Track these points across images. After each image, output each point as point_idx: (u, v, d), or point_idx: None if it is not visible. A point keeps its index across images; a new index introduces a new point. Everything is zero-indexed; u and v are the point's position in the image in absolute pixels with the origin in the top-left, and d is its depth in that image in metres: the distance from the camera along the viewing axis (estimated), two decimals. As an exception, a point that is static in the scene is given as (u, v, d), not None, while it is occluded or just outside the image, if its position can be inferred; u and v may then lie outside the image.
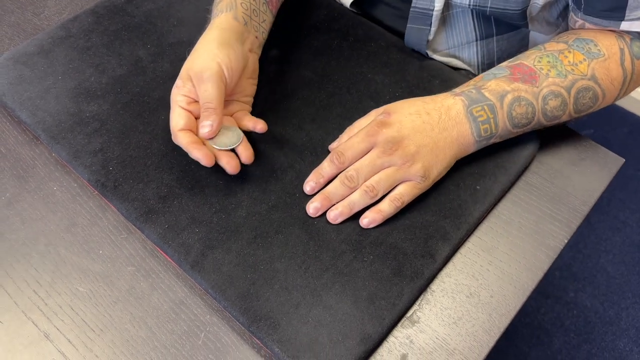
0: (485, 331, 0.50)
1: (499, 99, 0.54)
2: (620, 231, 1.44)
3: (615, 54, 0.57)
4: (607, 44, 0.57)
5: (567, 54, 0.56)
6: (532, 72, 0.55)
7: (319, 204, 0.53)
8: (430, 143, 0.53)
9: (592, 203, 0.58)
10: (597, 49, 0.57)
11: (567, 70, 0.56)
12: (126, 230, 0.55)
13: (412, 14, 0.64)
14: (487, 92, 0.55)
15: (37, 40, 0.66)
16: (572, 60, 0.56)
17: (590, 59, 0.56)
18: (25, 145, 0.61)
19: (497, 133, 0.55)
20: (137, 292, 0.51)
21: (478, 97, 0.55)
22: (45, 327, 0.50)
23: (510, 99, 0.54)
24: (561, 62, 0.56)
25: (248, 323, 0.48)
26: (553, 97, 0.55)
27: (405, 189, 0.53)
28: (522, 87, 0.55)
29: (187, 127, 0.54)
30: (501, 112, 0.54)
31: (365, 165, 0.53)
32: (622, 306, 1.32)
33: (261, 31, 0.61)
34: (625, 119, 1.64)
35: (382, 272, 0.51)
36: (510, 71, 0.56)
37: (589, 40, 0.57)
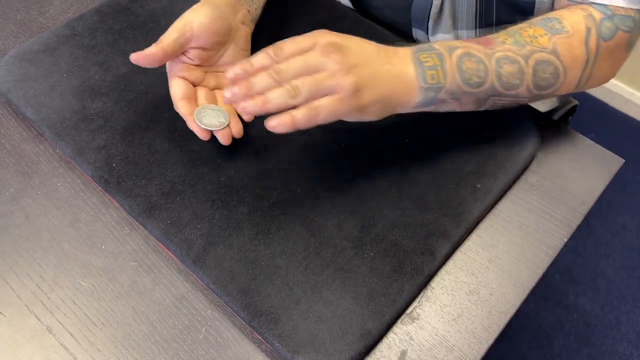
0: (485, 328, 0.50)
1: (448, 50, 0.51)
2: (619, 235, 1.44)
3: (580, 32, 0.54)
4: (572, 22, 0.54)
5: (527, 29, 0.54)
6: (486, 38, 0.53)
7: (238, 89, 0.47)
8: (371, 66, 0.49)
9: (591, 202, 0.58)
10: (561, 25, 0.54)
11: (525, 41, 0.53)
12: (129, 226, 0.55)
13: None
14: (436, 44, 0.52)
15: (42, 39, 0.67)
16: (532, 33, 0.53)
17: (552, 34, 0.53)
18: (29, 141, 0.61)
19: (446, 85, 0.51)
20: (139, 287, 0.52)
21: (426, 47, 0.52)
22: (48, 321, 0.50)
23: (459, 53, 0.51)
24: (520, 34, 0.53)
25: (249, 318, 0.48)
26: (508, 62, 0.52)
27: (328, 101, 0.47)
28: (474, 46, 0.52)
29: (187, 96, 0.56)
30: (449, 62, 0.51)
31: (297, 61, 0.47)
32: (622, 310, 1.32)
33: (254, 7, 0.62)
34: (625, 123, 1.65)
35: (383, 268, 0.51)
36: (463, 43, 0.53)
37: (553, 18, 0.55)
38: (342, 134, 0.60)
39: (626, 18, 0.56)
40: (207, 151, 0.58)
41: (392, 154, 0.58)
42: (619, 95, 1.66)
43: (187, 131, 0.59)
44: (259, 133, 0.60)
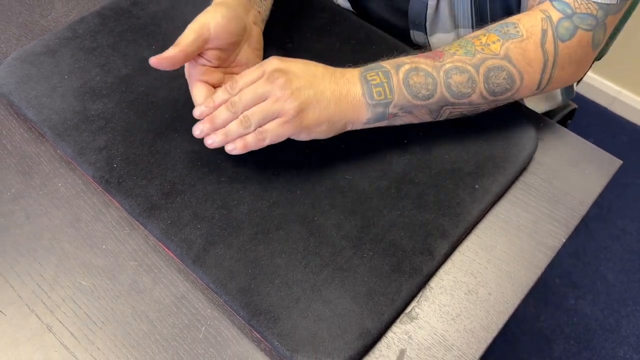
0: (483, 328, 0.50)
1: (394, 67, 0.54)
2: (619, 239, 1.44)
3: (535, 35, 0.54)
4: (528, 26, 0.55)
5: (481, 37, 0.55)
6: (436, 52, 0.55)
7: (203, 126, 0.53)
8: (316, 88, 0.52)
9: (589, 203, 0.59)
10: (516, 30, 0.55)
11: (476, 50, 0.54)
12: (129, 225, 0.56)
13: None
14: (384, 63, 0.54)
15: (44, 41, 0.68)
16: (484, 41, 0.54)
17: (504, 40, 0.54)
18: (31, 142, 0.62)
19: (394, 100, 0.53)
20: (139, 286, 0.52)
21: (373, 66, 0.54)
22: (48, 320, 0.50)
23: (406, 69, 0.53)
24: (472, 44, 0.55)
25: (248, 317, 0.48)
26: (457, 72, 0.53)
27: (273, 125, 0.52)
28: (422, 61, 0.54)
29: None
30: (396, 78, 0.53)
31: (248, 92, 0.52)
32: (623, 314, 1.32)
33: (263, 8, 0.63)
34: (624, 127, 1.65)
35: (382, 268, 0.51)
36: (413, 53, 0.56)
37: (510, 23, 0.56)
38: (341, 134, 0.60)
39: (587, 16, 0.55)
40: (208, 152, 0.58)
41: (390, 154, 0.59)
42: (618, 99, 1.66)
43: (187, 132, 0.60)
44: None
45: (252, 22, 0.60)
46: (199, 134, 0.53)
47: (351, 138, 0.60)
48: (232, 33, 0.56)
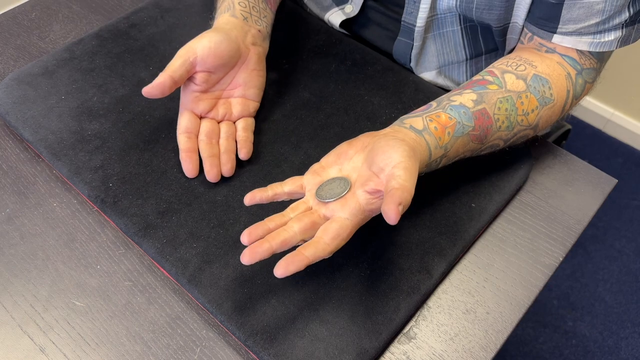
0: (482, 348, 0.50)
1: (447, 161, 0.54)
2: (617, 260, 1.44)
3: (562, 98, 0.57)
4: (559, 88, 0.57)
5: (524, 99, 0.55)
6: (489, 126, 0.54)
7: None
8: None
9: (586, 222, 0.59)
10: (550, 92, 0.56)
11: (517, 122, 0.55)
12: (124, 245, 0.55)
13: (402, 27, 0.67)
14: (445, 160, 0.53)
15: (41, 62, 0.68)
16: (526, 108, 0.55)
17: (541, 107, 0.56)
18: (26, 162, 0.61)
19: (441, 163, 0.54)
20: (133, 306, 0.51)
21: (439, 152, 0.52)
22: (41, 341, 0.49)
23: (455, 155, 0.54)
24: (516, 109, 0.55)
25: (244, 337, 0.48)
26: (490, 149, 0.56)
27: None
28: (471, 146, 0.54)
29: (188, 130, 0.58)
30: (445, 160, 0.53)
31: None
32: (621, 335, 1.31)
33: (264, 25, 0.63)
34: (618, 149, 1.66)
35: (379, 287, 0.51)
36: (474, 124, 0.53)
37: (545, 80, 0.56)
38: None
39: (590, 71, 0.59)
40: (203, 171, 0.58)
41: (387, 173, 0.59)
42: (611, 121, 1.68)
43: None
44: (253, 153, 0.60)
45: (251, 43, 0.61)
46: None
47: (347, 157, 0.60)
48: (221, 56, 0.57)
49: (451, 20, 0.65)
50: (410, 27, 0.66)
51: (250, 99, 0.62)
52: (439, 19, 0.65)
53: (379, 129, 0.61)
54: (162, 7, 0.75)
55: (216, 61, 0.57)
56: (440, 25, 0.66)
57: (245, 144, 0.59)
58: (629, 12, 0.54)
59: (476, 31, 0.66)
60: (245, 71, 0.61)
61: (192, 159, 0.57)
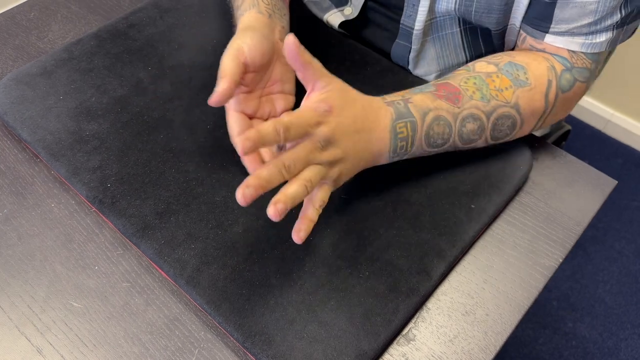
0: (481, 349, 0.50)
1: (421, 115, 0.53)
2: (616, 261, 1.44)
3: (541, 85, 0.57)
4: (537, 74, 0.57)
5: (494, 77, 0.56)
6: (456, 92, 0.55)
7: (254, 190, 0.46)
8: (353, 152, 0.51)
9: (586, 223, 0.58)
10: (526, 76, 0.56)
11: (491, 95, 0.55)
12: (122, 246, 0.55)
13: (400, 30, 0.67)
14: (412, 107, 0.53)
15: (39, 62, 0.68)
16: (498, 85, 0.56)
17: (516, 87, 0.56)
18: (24, 162, 0.61)
19: (411, 151, 0.54)
20: (131, 308, 0.51)
21: (404, 112, 0.53)
22: (39, 342, 0.49)
23: (431, 117, 0.54)
24: (487, 85, 0.55)
25: (243, 339, 0.48)
26: (472, 120, 0.55)
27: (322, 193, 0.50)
28: (444, 106, 0.54)
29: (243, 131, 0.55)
30: (420, 130, 0.53)
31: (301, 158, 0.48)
32: (621, 337, 1.31)
33: (285, 22, 0.63)
34: (618, 150, 1.66)
35: (378, 288, 0.51)
36: (435, 88, 0.55)
37: (520, 66, 0.57)
38: (336, 155, 0.60)
39: (583, 70, 0.59)
40: (202, 171, 0.58)
41: (386, 174, 0.59)
42: (611, 122, 1.68)
43: (182, 152, 0.60)
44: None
45: (279, 38, 0.60)
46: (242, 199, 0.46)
47: (346, 158, 0.60)
48: (265, 53, 0.56)
49: (450, 22, 0.65)
50: (408, 30, 0.66)
51: (289, 93, 0.61)
52: (438, 21, 0.65)
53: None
54: (161, 8, 0.75)
55: (262, 60, 0.56)
56: (439, 28, 0.66)
57: None
58: (621, 13, 0.54)
59: (476, 33, 0.66)
60: (279, 67, 0.60)
61: (256, 161, 0.55)
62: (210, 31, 0.72)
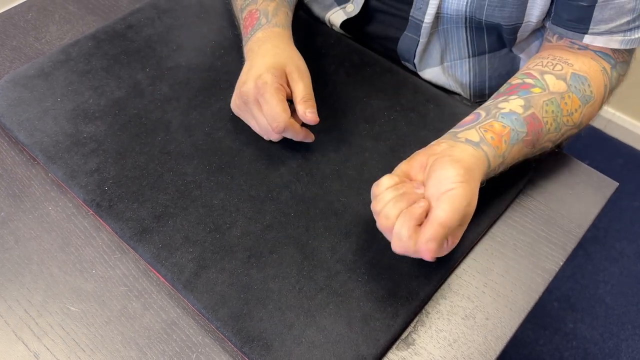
0: (481, 354, 0.49)
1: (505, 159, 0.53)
2: (617, 262, 1.43)
3: (601, 94, 0.58)
4: (597, 85, 0.57)
5: (567, 100, 0.56)
6: (539, 130, 0.54)
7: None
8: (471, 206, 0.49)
9: (587, 226, 0.58)
10: (590, 90, 0.57)
11: (563, 122, 0.56)
12: (120, 250, 0.55)
13: (410, 22, 0.67)
14: (505, 157, 0.52)
15: (37, 64, 0.67)
16: (570, 108, 0.56)
17: (583, 105, 0.57)
18: (22, 165, 0.61)
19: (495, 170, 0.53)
20: (129, 312, 0.51)
21: (496, 162, 0.51)
22: (35, 347, 0.49)
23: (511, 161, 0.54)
24: (561, 111, 0.55)
25: (240, 344, 0.47)
26: (540, 151, 0.57)
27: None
28: (526, 151, 0.54)
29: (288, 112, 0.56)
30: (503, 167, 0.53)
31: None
32: (622, 337, 1.31)
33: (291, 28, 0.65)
34: (620, 150, 1.65)
35: (377, 292, 0.50)
36: (526, 129, 0.53)
37: (584, 78, 0.57)
38: (335, 157, 0.60)
39: (624, 64, 0.61)
40: (200, 174, 0.58)
41: (386, 177, 0.58)
42: (612, 122, 1.67)
43: (180, 155, 0.59)
44: (250, 156, 0.59)
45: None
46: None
47: (346, 161, 0.60)
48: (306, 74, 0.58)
49: (456, 18, 0.65)
50: (417, 23, 0.66)
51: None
52: (445, 16, 0.65)
53: (378, 131, 0.61)
54: (159, 8, 0.75)
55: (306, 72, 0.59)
56: (445, 22, 0.66)
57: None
58: None
59: (482, 31, 0.66)
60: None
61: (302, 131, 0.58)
62: (208, 32, 0.72)
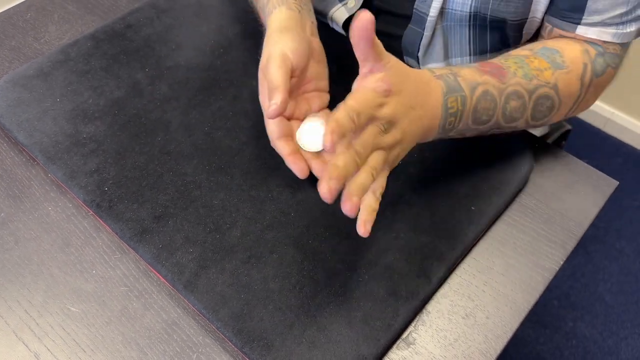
0: (482, 353, 0.49)
1: (470, 90, 0.52)
2: (617, 260, 1.43)
3: (577, 68, 0.57)
4: (572, 57, 0.57)
5: (532, 59, 0.56)
6: (500, 68, 0.54)
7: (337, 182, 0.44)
8: (409, 131, 0.49)
9: (587, 225, 0.58)
10: (562, 59, 0.56)
11: (532, 74, 0.55)
12: (120, 250, 0.55)
13: (414, 16, 0.66)
14: (462, 81, 0.52)
15: (36, 64, 0.67)
16: (537, 65, 0.55)
17: (554, 69, 0.56)
18: (21, 166, 0.61)
19: (458, 127, 0.53)
20: (129, 312, 0.51)
21: (454, 86, 0.52)
22: (36, 348, 0.49)
23: (479, 92, 0.52)
24: (528, 65, 0.55)
25: (241, 344, 0.47)
26: (515, 98, 0.54)
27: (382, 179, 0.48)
28: (491, 81, 0.53)
29: (284, 134, 0.54)
30: (469, 104, 0.52)
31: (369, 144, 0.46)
32: (621, 336, 1.31)
33: (314, 18, 0.61)
34: (619, 149, 1.66)
35: (377, 292, 0.50)
36: (479, 64, 0.55)
37: (554, 50, 0.57)
38: (335, 157, 0.60)
39: (614, 56, 0.59)
40: (200, 174, 0.58)
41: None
42: (611, 120, 1.67)
43: (179, 155, 0.59)
44: (250, 156, 0.59)
45: (310, 34, 0.58)
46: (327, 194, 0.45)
47: (345, 160, 0.60)
48: (304, 55, 0.55)
49: (461, 15, 0.64)
50: (422, 16, 0.65)
51: (323, 91, 0.59)
52: (449, 12, 0.65)
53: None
54: (159, 8, 0.75)
55: (303, 61, 0.55)
56: (449, 19, 0.66)
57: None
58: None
59: (485, 29, 0.66)
60: (313, 65, 0.58)
61: (300, 159, 0.54)
62: (207, 32, 0.72)
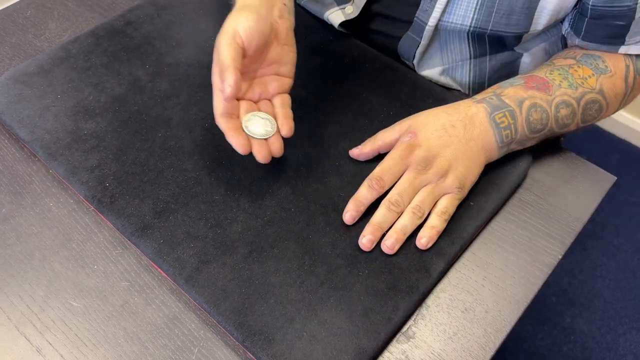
0: (481, 347, 0.50)
1: (517, 105, 0.57)
2: (615, 256, 1.44)
3: (621, 70, 0.60)
4: (614, 61, 0.60)
5: (576, 68, 0.59)
6: (545, 82, 0.58)
7: (372, 235, 0.53)
8: (459, 155, 0.55)
9: (585, 220, 0.58)
10: (605, 65, 0.60)
11: (577, 83, 0.58)
12: (121, 245, 0.55)
13: (414, 24, 0.67)
14: (507, 99, 0.57)
15: (37, 61, 0.67)
16: (581, 74, 0.59)
17: (598, 74, 0.59)
18: (22, 162, 0.61)
19: (516, 138, 0.57)
20: (131, 307, 0.51)
21: (499, 104, 0.57)
22: (38, 342, 0.49)
23: (527, 105, 0.57)
24: (572, 75, 0.59)
25: (242, 338, 0.48)
26: (564, 106, 0.58)
27: (448, 201, 0.54)
28: (537, 95, 0.57)
29: (227, 111, 0.53)
30: (520, 117, 0.56)
31: (406, 188, 0.54)
32: (619, 332, 1.32)
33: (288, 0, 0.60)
34: (617, 145, 1.66)
35: (377, 286, 0.51)
36: (524, 80, 0.59)
37: (596, 56, 0.60)
38: (335, 152, 0.60)
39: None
40: (201, 170, 0.58)
41: (385, 172, 0.58)
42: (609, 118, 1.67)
43: (180, 151, 0.59)
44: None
45: (278, 16, 0.57)
46: (368, 245, 0.53)
47: (346, 156, 0.60)
48: (262, 35, 0.54)
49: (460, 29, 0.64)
50: (421, 25, 0.66)
51: (284, 76, 0.58)
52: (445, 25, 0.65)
53: (377, 128, 0.61)
54: (159, 5, 0.75)
55: (259, 41, 0.54)
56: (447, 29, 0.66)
57: (287, 120, 0.56)
58: None
59: (483, 40, 0.66)
60: (276, 47, 0.57)
61: (240, 135, 0.53)
62: (208, 28, 0.72)
